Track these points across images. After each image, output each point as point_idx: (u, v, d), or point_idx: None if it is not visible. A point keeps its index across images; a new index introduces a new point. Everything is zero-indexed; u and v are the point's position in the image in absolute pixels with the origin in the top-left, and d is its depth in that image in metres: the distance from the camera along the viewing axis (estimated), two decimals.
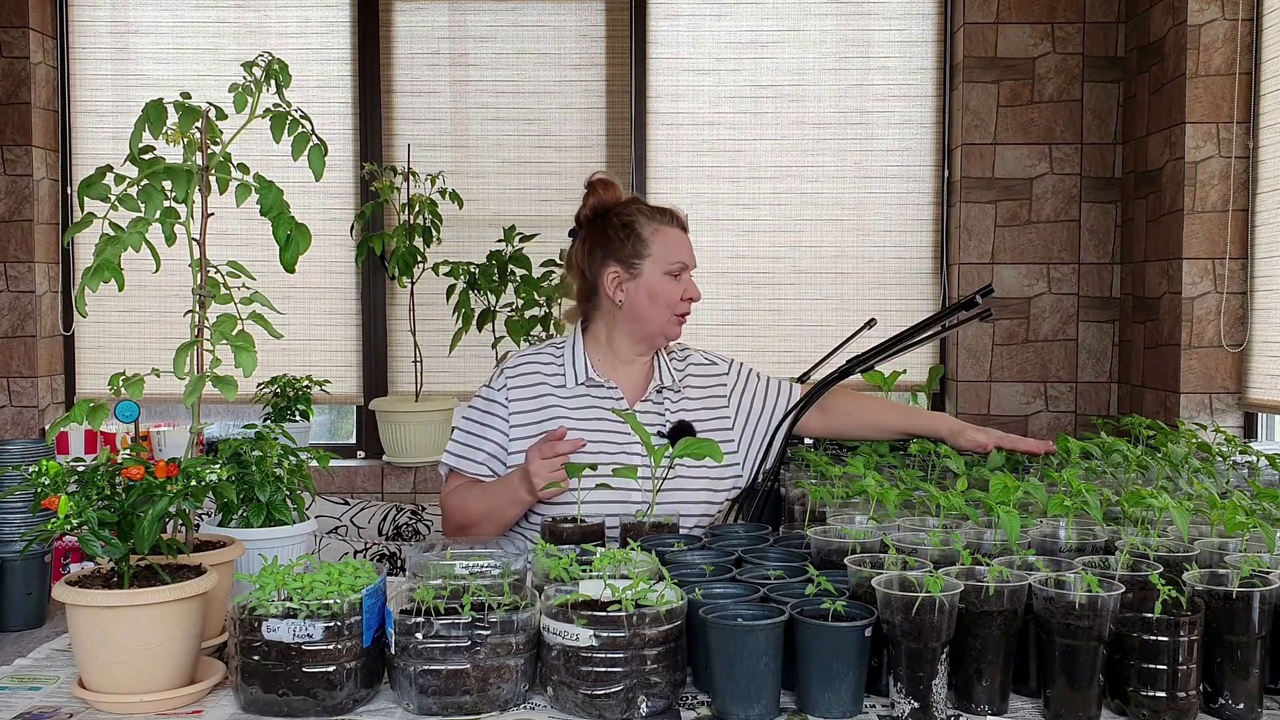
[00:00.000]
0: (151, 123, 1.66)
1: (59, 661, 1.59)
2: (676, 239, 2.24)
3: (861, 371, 2.32)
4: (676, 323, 2.24)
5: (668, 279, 2.21)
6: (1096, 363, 4.22)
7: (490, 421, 2.21)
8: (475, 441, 2.21)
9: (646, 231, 2.21)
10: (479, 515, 2.14)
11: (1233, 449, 2.26)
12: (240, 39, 4.33)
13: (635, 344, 2.25)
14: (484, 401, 2.24)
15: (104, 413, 1.56)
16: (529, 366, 2.25)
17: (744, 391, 2.33)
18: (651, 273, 2.20)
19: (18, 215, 4.17)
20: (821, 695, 1.33)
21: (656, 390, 2.26)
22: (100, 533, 1.40)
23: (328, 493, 3.92)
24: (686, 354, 2.37)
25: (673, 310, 2.22)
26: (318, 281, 4.31)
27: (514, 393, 2.21)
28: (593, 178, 2.32)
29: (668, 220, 2.25)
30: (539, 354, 2.28)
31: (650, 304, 2.20)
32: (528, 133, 4.35)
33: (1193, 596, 1.34)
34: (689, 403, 2.27)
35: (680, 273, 2.22)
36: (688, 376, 2.31)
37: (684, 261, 2.22)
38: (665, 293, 2.20)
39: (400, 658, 1.35)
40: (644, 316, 2.21)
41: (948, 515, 1.65)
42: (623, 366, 2.26)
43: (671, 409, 2.25)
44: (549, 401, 2.20)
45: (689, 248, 2.25)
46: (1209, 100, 3.58)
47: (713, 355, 2.39)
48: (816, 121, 4.35)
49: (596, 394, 2.22)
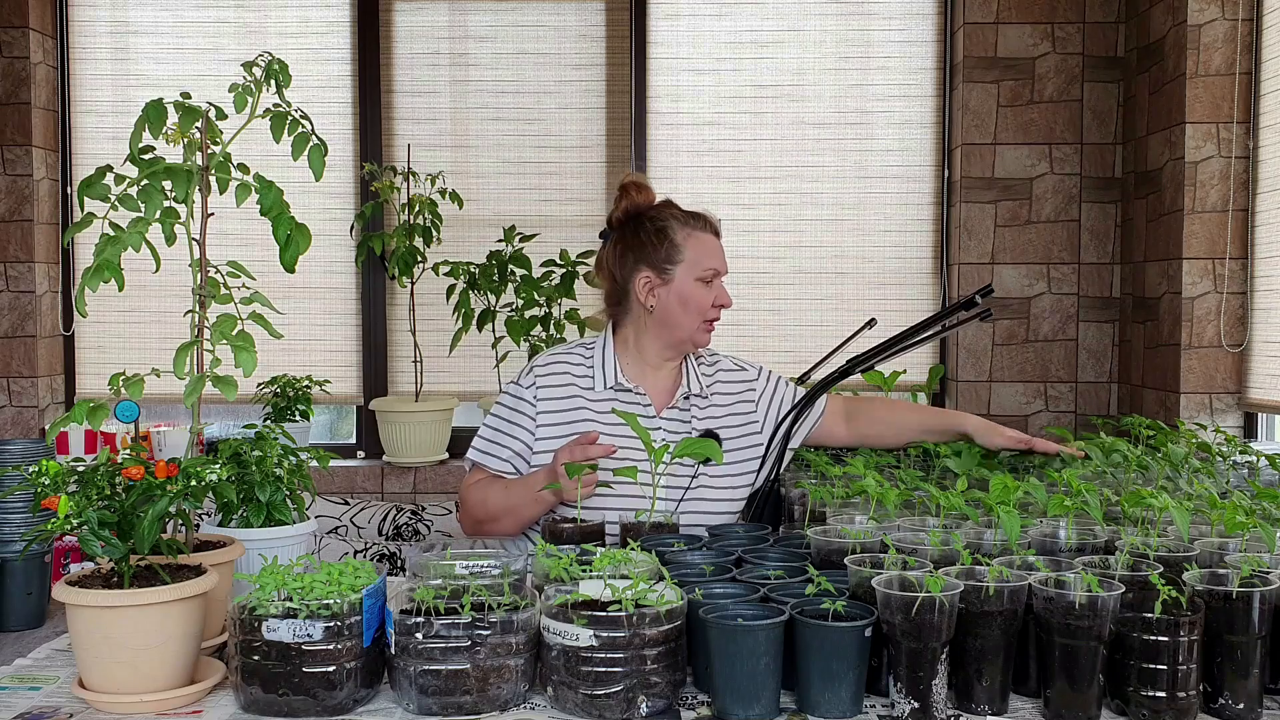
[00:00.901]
0: (151, 123, 1.66)
1: (59, 661, 1.59)
2: (710, 245, 2.22)
3: (861, 371, 2.32)
4: (706, 329, 2.22)
5: (700, 285, 2.19)
6: (1096, 363, 4.22)
7: (517, 419, 2.19)
8: (501, 439, 2.20)
9: (680, 236, 2.19)
10: (499, 511, 2.12)
11: (1233, 449, 2.26)
12: (240, 39, 4.32)
13: (664, 349, 2.24)
14: (512, 399, 2.22)
15: (104, 413, 1.56)
16: (559, 366, 2.23)
17: (773, 398, 2.32)
18: (684, 278, 2.18)
19: (18, 215, 4.17)
20: (821, 695, 1.33)
21: (684, 397, 2.24)
22: (100, 533, 1.40)
23: (328, 493, 3.92)
24: (716, 360, 2.35)
25: (703, 316, 2.20)
26: (318, 281, 4.31)
27: (543, 392, 2.19)
28: (626, 180, 2.29)
29: (701, 225, 2.22)
30: (570, 353, 2.26)
31: (681, 310, 2.19)
32: (528, 133, 4.35)
33: (1193, 596, 1.34)
34: (717, 409, 2.26)
35: (713, 279, 2.20)
36: (716, 383, 2.29)
37: (716, 268, 2.21)
38: (697, 299, 2.19)
39: (400, 658, 1.35)
40: (674, 322, 2.20)
41: (948, 515, 1.65)
42: (651, 372, 2.25)
43: (699, 416, 2.23)
44: (578, 404, 2.18)
45: (722, 254, 2.23)
46: (1209, 100, 3.58)
47: (743, 362, 2.37)
48: (816, 121, 4.35)
49: (625, 399, 2.20)
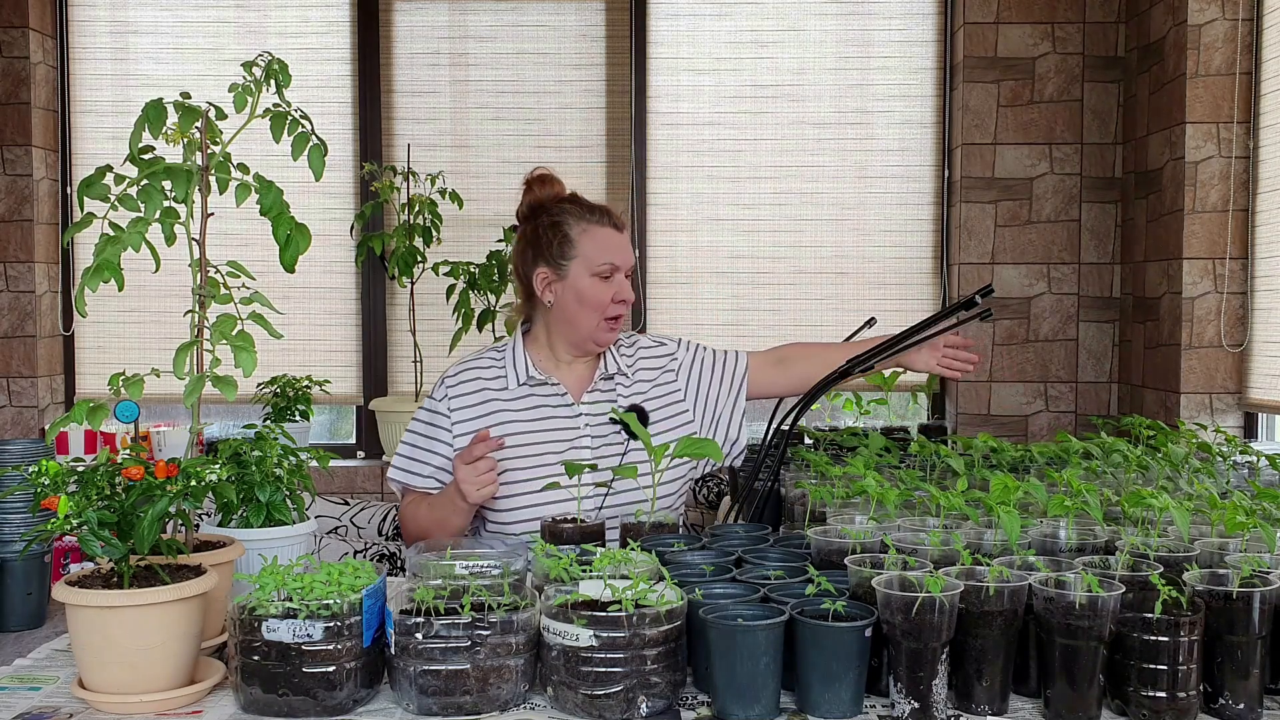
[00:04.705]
0: (151, 123, 1.65)
1: (59, 661, 1.59)
2: (607, 238, 2.15)
3: (861, 371, 2.32)
4: (607, 328, 2.16)
5: (596, 281, 2.13)
6: (1097, 363, 4.22)
7: (435, 434, 2.18)
8: (420, 455, 2.19)
9: (575, 231, 2.14)
10: (430, 525, 2.11)
11: (1233, 449, 2.26)
12: (240, 39, 4.33)
13: (569, 348, 2.21)
14: (427, 414, 2.20)
15: (104, 413, 1.56)
16: (469, 374, 2.21)
17: (693, 364, 2.29)
18: (579, 274, 2.13)
19: (17, 215, 4.17)
20: (821, 695, 1.33)
21: (604, 378, 2.21)
22: (100, 533, 1.40)
23: (328, 493, 3.92)
24: (635, 340, 2.32)
25: (602, 314, 2.14)
26: (318, 281, 4.31)
27: (455, 401, 2.18)
28: (531, 174, 2.26)
29: (598, 219, 2.16)
30: (479, 359, 2.25)
31: (578, 307, 2.14)
32: (528, 133, 4.35)
33: (1193, 597, 1.34)
34: (642, 385, 2.23)
35: (611, 274, 2.14)
36: (639, 361, 2.27)
37: (613, 262, 2.13)
38: (593, 295, 2.13)
39: (400, 658, 1.34)
40: (572, 320, 2.15)
41: (948, 515, 1.65)
42: (565, 366, 2.22)
43: (625, 394, 2.21)
44: (494, 406, 2.17)
45: (621, 248, 2.16)
46: (1209, 100, 3.58)
47: (660, 337, 2.34)
48: (816, 121, 4.35)
49: (542, 392, 2.18)
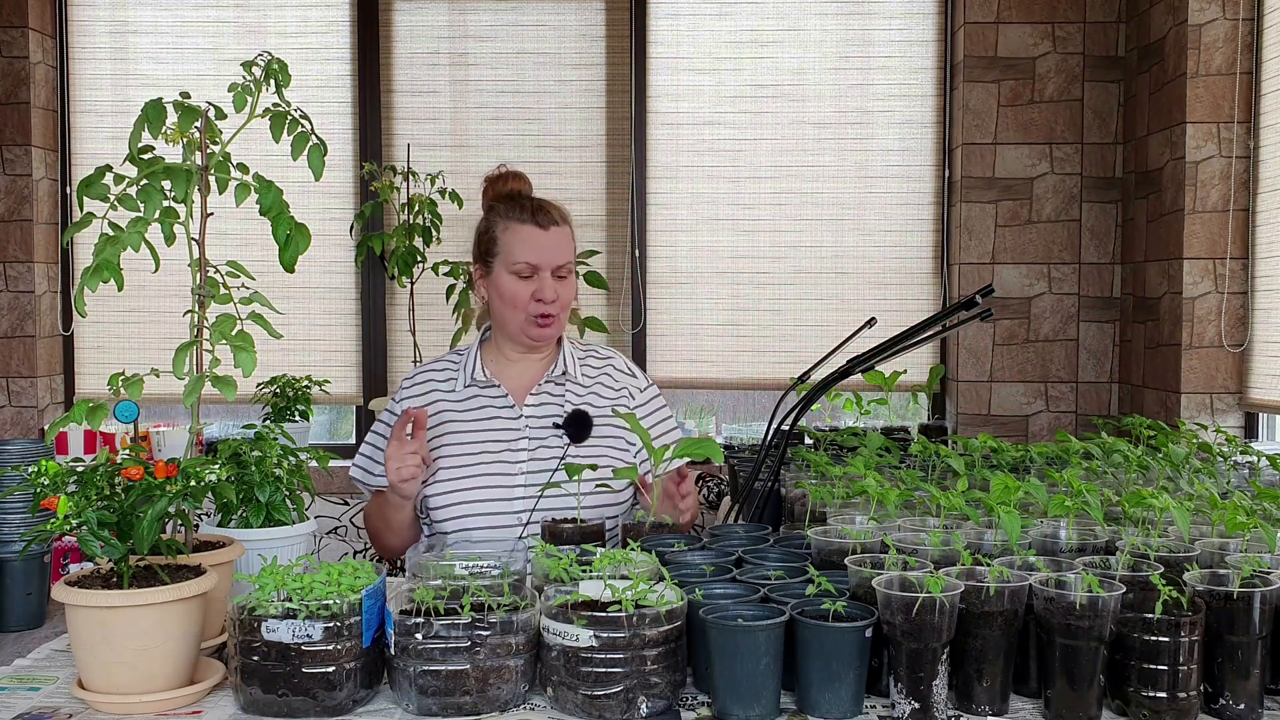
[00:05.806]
0: (151, 122, 1.65)
1: (59, 661, 1.59)
2: (528, 236, 2.12)
3: (861, 371, 2.31)
4: (537, 324, 2.13)
5: (514, 279, 2.12)
6: (1097, 363, 4.22)
7: (387, 434, 2.24)
8: (376, 455, 2.25)
9: (498, 229, 2.16)
10: (380, 523, 2.19)
11: (1233, 449, 2.26)
12: (240, 39, 4.32)
13: (510, 344, 2.21)
14: (386, 415, 2.28)
15: (103, 413, 1.56)
16: (423, 376, 2.27)
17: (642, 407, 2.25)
18: (499, 272, 2.14)
19: (17, 215, 4.17)
20: (822, 696, 1.33)
21: (553, 380, 2.20)
22: (100, 533, 1.40)
23: (327, 493, 3.91)
24: (610, 356, 2.29)
25: (525, 311, 2.12)
26: (318, 281, 4.31)
27: (406, 404, 2.23)
28: (493, 170, 2.28)
29: (522, 217, 2.14)
30: (437, 363, 2.29)
31: (502, 304, 2.15)
32: (528, 132, 4.35)
33: (1193, 597, 1.34)
34: (597, 400, 2.21)
35: (531, 274, 2.12)
36: (603, 375, 2.25)
37: (531, 261, 2.11)
38: (512, 294, 2.12)
39: (400, 658, 1.34)
40: (499, 317, 2.18)
41: (948, 515, 1.65)
42: (512, 364, 2.22)
43: (576, 400, 2.19)
44: (440, 406, 2.20)
45: (544, 247, 2.12)
46: (1209, 100, 3.58)
47: (638, 370, 2.31)
48: (816, 121, 4.34)
49: (488, 394, 2.20)
